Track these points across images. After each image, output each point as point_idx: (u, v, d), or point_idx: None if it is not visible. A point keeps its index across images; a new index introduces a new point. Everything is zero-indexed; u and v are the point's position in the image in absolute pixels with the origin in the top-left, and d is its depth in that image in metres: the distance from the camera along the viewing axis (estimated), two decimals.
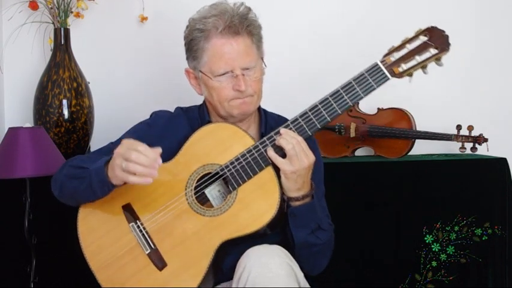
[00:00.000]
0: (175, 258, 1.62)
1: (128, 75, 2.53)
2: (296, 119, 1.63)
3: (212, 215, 1.63)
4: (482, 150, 2.39)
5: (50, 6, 2.26)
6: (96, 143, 2.26)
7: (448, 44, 1.61)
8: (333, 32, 2.58)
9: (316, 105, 1.63)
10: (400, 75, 1.62)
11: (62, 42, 2.27)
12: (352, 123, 2.42)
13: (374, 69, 1.62)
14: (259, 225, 1.60)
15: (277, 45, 2.32)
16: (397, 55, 1.62)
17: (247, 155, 1.62)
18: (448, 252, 2.28)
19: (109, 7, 2.45)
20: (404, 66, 1.61)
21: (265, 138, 1.63)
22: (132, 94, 2.52)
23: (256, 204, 1.61)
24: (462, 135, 2.38)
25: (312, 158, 1.60)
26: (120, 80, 2.52)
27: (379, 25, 2.54)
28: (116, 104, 2.50)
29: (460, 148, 2.42)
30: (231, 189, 1.63)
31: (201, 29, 1.67)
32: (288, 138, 1.59)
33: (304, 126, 1.63)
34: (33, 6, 2.27)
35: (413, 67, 1.62)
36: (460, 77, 2.64)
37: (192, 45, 1.70)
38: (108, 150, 1.73)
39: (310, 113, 1.63)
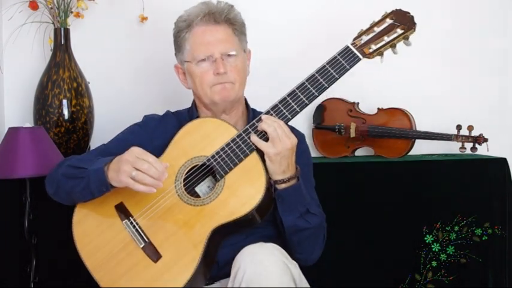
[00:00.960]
0: (169, 249, 1.65)
1: (127, 75, 2.53)
2: (276, 105, 1.70)
3: (202, 204, 1.67)
4: (482, 150, 2.39)
5: (50, 6, 2.26)
6: (96, 143, 2.26)
7: (414, 23, 1.70)
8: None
9: (294, 91, 1.70)
10: (370, 55, 1.72)
11: (62, 42, 2.27)
12: (352, 123, 2.42)
13: (345, 52, 1.70)
14: (248, 209, 1.63)
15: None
16: (365, 37, 1.71)
17: (232, 144, 1.67)
18: (448, 252, 2.28)
19: (109, 7, 2.45)
20: (373, 47, 1.71)
21: (247, 126, 1.69)
22: (132, 94, 2.52)
23: (243, 189, 1.65)
24: (462, 135, 2.38)
25: (294, 139, 1.65)
26: (120, 80, 2.52)
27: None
28: (116, 104, 2.50)
29: (460, 148, 2.42)
30: (218, 178, 1.66)
31: (184, 20, 1.78)
32: (269, 122, 1.65)
33: (284, 111, 1.69)
34: (33, 6, 2.27)
35: (383, 46, 1.71)
36: (460, 77, 2.64)
37: (178, 38, 1.81)
38: (103, 152, 1.78)
39: (288, 98, 1.70)
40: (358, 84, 2.23)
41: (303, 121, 2.49)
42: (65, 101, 2.23)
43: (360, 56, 1.70)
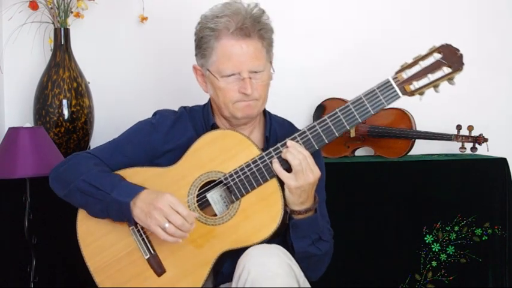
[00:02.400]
0: (174, 265, 1.61)
1: (127, 75, 2.52)
2: (304, 132, 1.60)
3: (214, 223, 1.61)
4: (482, 150, 2.39)
5: (50, 6, 2.26)
6: (96, 143, 2.26)
7: (462, 64, 1.55)
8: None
9: (325, 119, 1.59)
10: (411, 93, 1.57)
11: (62, 42, 2.27)
12: None
13: (385, 86, 1.57)
14: (260, 239, 1.58)
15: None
16: (409, 72, 1.56)
17: (252, 166, 1.60)
18: (448, 252, 2.28)
19: (109, 7, 2.45)
20: (416, 85, 1.56)
21: (271, 149, 1.61)
22: (132, 94, 2.52)
23: (258, 216, 1.59)
24: (462, 135, 2.38)
25: (317, 173, 1.58)
26: (120, 80, 2.52)
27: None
28: (116, 104, 2.50)
29: (460, 148, 2.42)
30: (234, 198, 1.61)
31: (212, 28, 1.65)
32: (295, 153, 1.56)
33: (312, 140, 1.59)
34: (33, 6, 2.27)
35: (425, 86, 1.56)
36: (460, 76, 2.63)
37: (202, 43, 1.68)
38: (112, 149, 1.72)
39: (318, 127, 1.59)
40: (358, 84, 2.21)
41: (303, 121, 2.49)
42: (65, 101, 2.23)
43: (400, 94, 1.56)
